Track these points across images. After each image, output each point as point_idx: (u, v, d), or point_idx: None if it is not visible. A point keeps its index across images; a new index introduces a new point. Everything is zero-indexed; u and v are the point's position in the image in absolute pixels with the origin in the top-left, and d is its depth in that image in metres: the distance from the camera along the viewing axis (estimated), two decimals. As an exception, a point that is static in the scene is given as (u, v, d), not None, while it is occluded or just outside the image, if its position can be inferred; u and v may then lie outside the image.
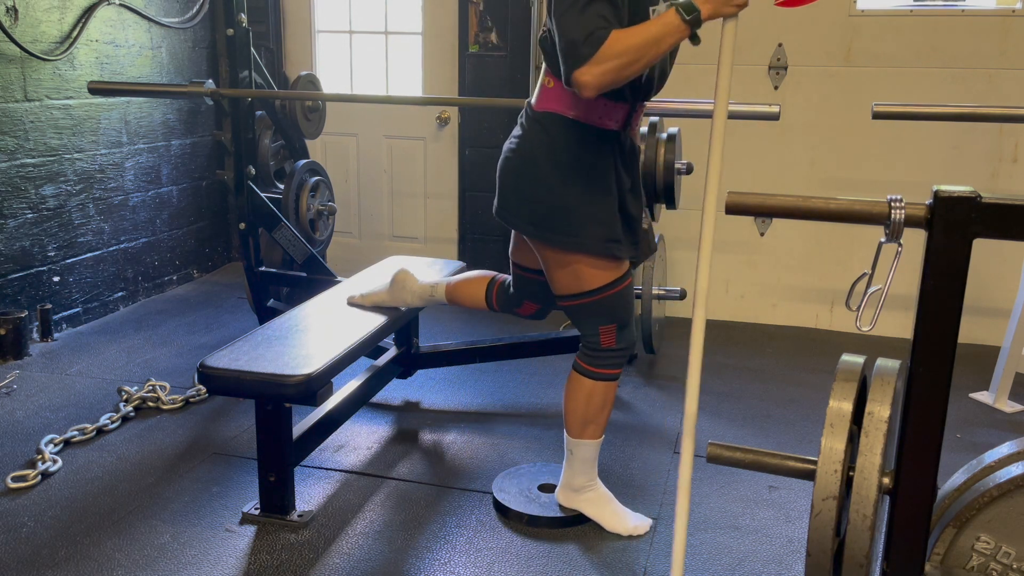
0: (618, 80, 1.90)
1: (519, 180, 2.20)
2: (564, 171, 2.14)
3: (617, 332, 2.28)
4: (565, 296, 2.28)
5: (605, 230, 2.17)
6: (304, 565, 2.26)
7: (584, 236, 2.15)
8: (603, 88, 1.91)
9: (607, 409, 2.36)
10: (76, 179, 4.04)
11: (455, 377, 3.57)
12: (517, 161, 2.20)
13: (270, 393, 2.30)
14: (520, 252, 2.46)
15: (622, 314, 2.27)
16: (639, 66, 1.89)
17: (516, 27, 4.52)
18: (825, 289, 4.33)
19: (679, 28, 1.86)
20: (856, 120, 4.08)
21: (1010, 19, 3.88)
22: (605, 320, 2.26)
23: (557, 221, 2.15)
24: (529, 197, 2.18)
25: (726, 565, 2.30)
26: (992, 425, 3.23)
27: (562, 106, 2.13)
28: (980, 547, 1.44)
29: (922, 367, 1.35)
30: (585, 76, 1.87)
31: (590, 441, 2.38)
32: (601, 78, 1.87)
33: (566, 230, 2.15)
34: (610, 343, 2.28)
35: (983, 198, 1.30)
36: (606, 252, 2.18)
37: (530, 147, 2.18)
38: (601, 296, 2.23)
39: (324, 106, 4.13)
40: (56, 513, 2.47)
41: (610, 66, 1.86)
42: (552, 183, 2.15)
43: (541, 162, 2.15)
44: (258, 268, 3.75)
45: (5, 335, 3.57)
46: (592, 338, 2.29)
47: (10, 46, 3.62)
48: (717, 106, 1.81)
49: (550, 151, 2.15)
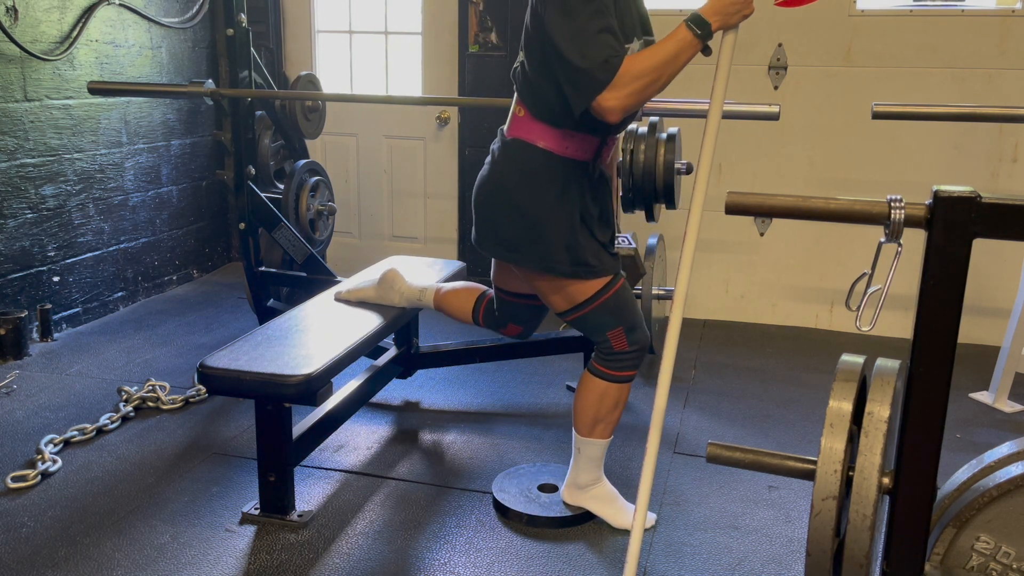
0: (642, 100, 1.98)
1: (490, 207, 2.27)
2: (531, 196, 2.20)
3: (626, 335, 2.30)
4: (563, 312, 2.33)
5: (573, 253, 2.22)
6: (304, 565, 2.26)
7: (552, 259, 2.21)
8: (628, 110, 1.99)
9: (619, 410, 2.37)
10: (76, 179, 4.04)
11: (455, 377, 3.57)
12: (489, 189, 2.27)
13: (270, 393, 2.30)
14: (502, 276, 2.53)
15: (626, 317, 2.30)
16: (660, 84, 1.97)
17: (516, 27, 4.52)
18: (825, 289, 4.33)
19: (692, 43, 1.95)
20: (856, 120, 4.08)
21: (1010, 19, 3.88)
22: (610, 325, 2.29)
23: (527, 245, 2.22)
24: (500, 222, 2.25)
25: (726, 565, 2.30)
26: (992, 425, 3.23)
27: (532, 135, 2.19)
28: (980, 547, 1.44)
29: (922, 367, 1.35)
30: (609, 101, 1.95)
31: (599, 440, 2.39)
32: (625, 100, 1.95)
33: (536, 253, 2.22)
34: (622, 346, 2.31)
35: (983, 198, 1.30)
36: (577, 275, 2.24)
37: (500, 174, 2.24)
38: (596, 304, 2.27)
39: (324, 106, 4.13)
40: (56, 513, 2.47)
41: (632, 88, 1.94)
42: (521, 208, 2.21)
43: (510, 188, 2.22)
44: (258, 268, 3.75)
45: (5, 335, 3.57)
46: (604, 344, 2.32)
47: (10, 46, 3.62)
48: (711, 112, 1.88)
49: (519, 178, 2.21)
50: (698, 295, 4.46)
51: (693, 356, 3.91)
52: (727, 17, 1.91)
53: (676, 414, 3.26)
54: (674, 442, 3.02)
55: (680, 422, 3.19)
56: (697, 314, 4.48)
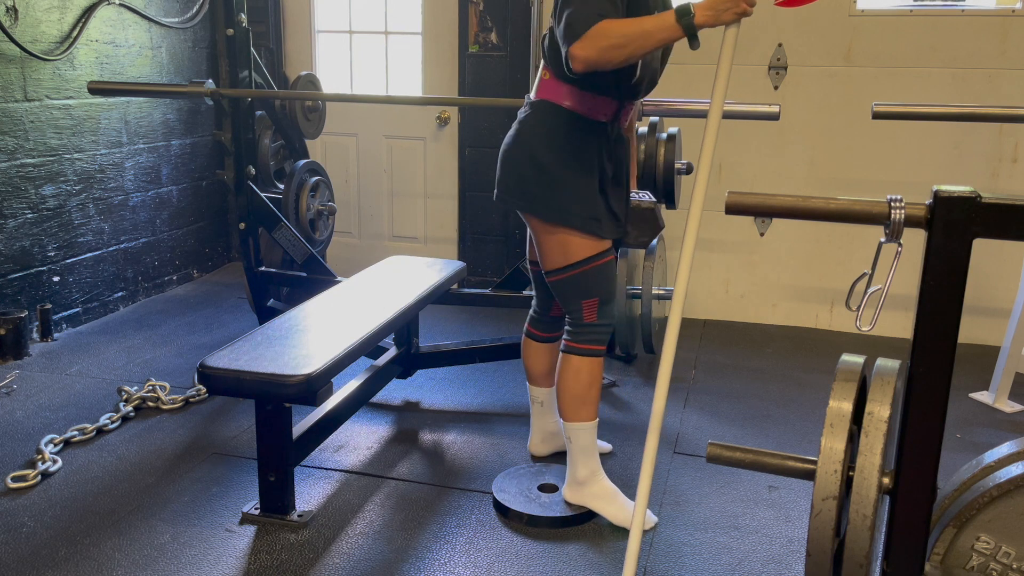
0: (605, 59, 2.00)
1: (515, 161, 2.36)
2: (554, 152, 2.31)
3: (599, 307, 2.41)
4: (553, 271, 2.40)
5: (587, 207, 2.32)
6: (304, 565, 2.26)
7: (568, 211, 2.31)
8: (591, 63, 2.01)
9: (595, 388, 2.44)
10: (76, 179, 4.04)
11: (455, 377, 3.57)
12: (513, 144, 2.38)
13: (270, 393, 2.30)
14: (535, 252, 2.57)
15: (604, 289, 2.41)
16: (627, 51, 2.00)
17: (516, 27, 4.52)
18: (825, 289, 4.33)
19: (671, 27, 1.98)
20: (856, 120, 4.08)
21: (1010, 19, 3.88)
22: (588, 294, 2.39)
23: (546, 196, 2.32)
24: (522, 176, 2.35)
25: (726, 565, 2.30)
26: (992, 425, 3.23)
27: (557, 96, 2.31)
28: (980, 547, 1.44)
29: (922, 367, 1.35)
30: (576, 50, 2.01)
31: (585, 424, 2.44)
32: (587, 51, 1.99)
33: (553, 205, 2.32)
34: (592, 318, 2.41)
35: (983, 198, 1.30)
36: (587, 228, 2.33)
37: (525, 131, 2.36)
38: (585, 268, 2.36)
39: (324, 106, 4.13)
40: (56, 513, 2.47)
41: (598, 44, 1.99)
42: (543, 162, 2.31)
43: (534, 144, 2.33)
44: (258, 268, 3.75)
45: (5, 335, 3.57)
46: (576, 313, 2.42)
47: (10, 46, 3.62)
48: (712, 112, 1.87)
49: (543, 134, 2.32)
50: (698, 295, 4.46)
51: (693, 356, 3.91)
52: (718, 13, 1.90)
53: (676, 414, 3.26)
54: (674, 442, 3.02)
55: (680, 422, 3.19)
56: (697, 314, 4.48)
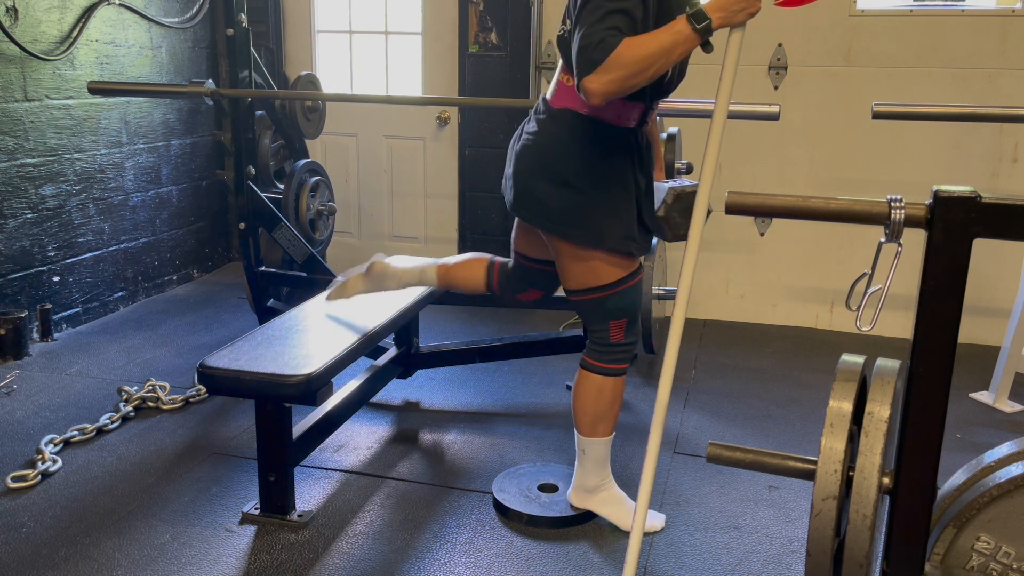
0: (624, 89, 1.89)
1: (536, 176, 2.18)
2: (582, 168, 2.14)
3: (627, 327, 2.29)
4: (579, 291, 2.27)
5: (624, 227, 2.18)
6: (304, 565, 2.26)
7: (604, 233, 2.16)
8: (610, 96, 1.90)
9: (616, 405, 2.35)
10: (76, 179, 4.04)
11: (455, 377, 3.57)
12: (533, 156, 2.19)
13: (270, 393, 2.30)
14: (526, 242, 2.45)
15: (633, 309, 2.29)
16: (647, 76, 1.88)
17: (516, 27, 4.52)
18: (825, 289, 4.33)
19: (690, 37, 1.86)
20: (856, 120, 4.08)
21: (1010, 19, 3.88)
22: (617, 315, 2.26)
23: (576, 217, 2.15)
24: (546, 193, 2.17)
25: (726, 565, 2.30)
26: (992, 425, 3.23)
27: (579, 103, 2.11)
28: (980, 547, 1.44)
29: (922, 367, 1.35)
30: (592, 84, 1.87)
31: (602, 439, 2.37)
32: (608, 86, 1.86)
33: (586, 226, 2.16)
34: (619, 338, 2.29)
35: (983, 198, 1.30)
36: (625, 248, 2.19)
37: (547, 143, 2.17)
38: (615, 290, 2.24)
39: (324, 106, 4.13)
40: (56, 513, 2.47)
41: (617, 75, 1.85)
42: (570, 179, 2.15)
43: (558, 158, 2.15)
44: (258, 268, 3.75)
45: (5, 335, 3.57)
46: (602, 333, 2.29)
47: (10, 46, 3.62)
48: (716, 112, 1.84)
49: (567, 147, 2.15)
50: (698, 295, 4.45)
51: (693, 356, 3.91)
52: (732, 15, 1.84)
53: (676, 414, 3.26)
54: (674, 442, 3.02)
55: (680, 422, 3.19)
56: (697, 314, 4.48)
